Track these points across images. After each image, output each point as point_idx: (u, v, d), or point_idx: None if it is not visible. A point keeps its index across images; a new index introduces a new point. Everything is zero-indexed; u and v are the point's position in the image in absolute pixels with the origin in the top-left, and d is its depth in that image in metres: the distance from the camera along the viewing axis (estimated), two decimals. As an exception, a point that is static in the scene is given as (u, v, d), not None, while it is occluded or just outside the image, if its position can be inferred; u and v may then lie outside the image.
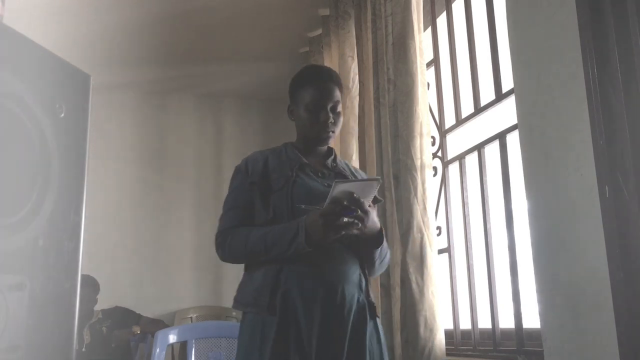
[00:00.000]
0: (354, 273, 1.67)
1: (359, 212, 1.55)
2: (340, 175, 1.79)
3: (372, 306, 1.69)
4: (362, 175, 1.90)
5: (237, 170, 1.81)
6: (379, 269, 1.80)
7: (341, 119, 1.81)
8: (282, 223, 1.65)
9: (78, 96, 1.36)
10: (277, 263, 1.65)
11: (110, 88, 5.02)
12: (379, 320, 1.72)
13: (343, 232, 1.56)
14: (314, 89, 1.77)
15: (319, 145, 1.81)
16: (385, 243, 1.74)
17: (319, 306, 1.60)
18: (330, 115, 1.75)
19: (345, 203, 1.53)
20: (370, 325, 1.66)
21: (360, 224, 1.56)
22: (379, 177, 1.68)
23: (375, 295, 1.86)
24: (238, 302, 1.72)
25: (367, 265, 1.74)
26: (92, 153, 1.40)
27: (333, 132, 1.78)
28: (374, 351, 1.65)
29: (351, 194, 1.54)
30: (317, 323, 1.59)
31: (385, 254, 1.77)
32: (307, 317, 1.59)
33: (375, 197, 1.73)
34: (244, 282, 1.74)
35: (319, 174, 1.76)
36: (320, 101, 1.75)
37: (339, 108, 1.78)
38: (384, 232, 1.72)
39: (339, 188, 1.53)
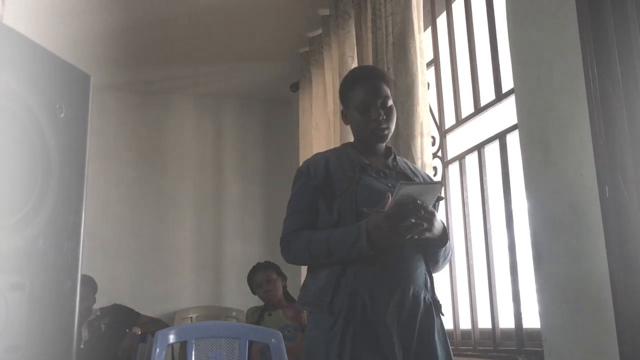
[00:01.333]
0: (420, 273, 1.68)
1: (423, 213, 1.54)
2: (402, 174, 1.78)
3: (437, 304, 1.70)
4: (422, 173, 1.89)
5: (299, 173, 1.81)
6: (442, 266, 1.80)
7: (394, 113, 1.79)
8: (346, 225, 1.66)
9: (78, 96, 1.36)
10: (340, 264, 1.66)
11: (110, 88, 5.02)
12: (442, 318, 1.73)
13: (409, 236, 1.55)
14: (360, 88, 1.77)
15: (376, 144, 1.80)
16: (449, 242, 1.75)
17: (389, 306, 1.60)
18: (381, 111, 1.74)
19: (410, 206, 1.52)
20: (437, 323, 1.67)
21: (425, 226, 1.55)
22: (441, 181, 1.66)
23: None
24: (301, 301, 1.75)
25: (431, 263, 1.74)
26: (92, 153, 1.40)
27: (387, 127, 1.76)
28: (442, 350, 1.65)
29: (414, 196, 1.53)
30: (389, 323, 1.60)
31: (449, 252, 1.76)
32: (379, 316, 1.60)
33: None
34: (308, 281, 1.75)
35: (381, 174, 1.75)
36: (369, 99, 1.75)
37: (389, 103, 1.77)
38: (448, 231, 1.71)
39: (404, 190, 1.51)
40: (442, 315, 1.73)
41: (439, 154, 2.99)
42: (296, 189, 1.80)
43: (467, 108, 2.83)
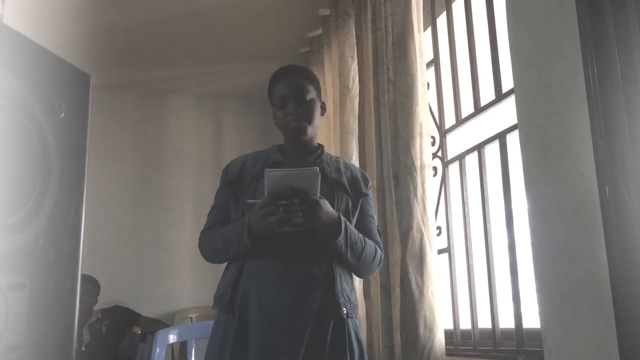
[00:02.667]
0: (317, 270, 1.61)
1: (301, 201, 1.49)
2: (321, 171, 1.69)
3: (335, 306, 1.60)
4: (353, 171, 1.83)
5: (222, 173, 1.84)
6: (362, 267, 1.69)
7: (314, 107, 1.75)
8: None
9: (78, 96, 1.37)
10: (241, 260, 1.65)
11: (110, 88, 5.01)
12: (351, 321, 1.64)
13: (286, 225, 1.50)
14: (276, 86, 1.78)
15: (297, 140, 1.76)
16: (358, 237, 1.65)
17: (276, 305, 1.57)
18: (291, 105, 1.72)
19: (281, 194, 1.48)
20: (332, 326, 1.59)
21: (301, 215, 1.50)
22: (317, 167, 1.55)
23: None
24: (214, 298, 1.73)
25: (341, 262, 1.65)
26: (92, 153, 1.40)
27: (305, 121, 1.72)
28: (337, 354, 1.58)
29: (290, 184, 1.49)
30: (273, 324, 1.55)
31: (360, 250, 1.65)
32: (264, 317, 1.56)
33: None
34: (221, 278, 1.75)
35: None
36: (284, 94, 1.74)
37: (307, 97, 1.73)
38: (344, 223, 1.61)
39: (270, 178, 1.48)
40: (351, 317, 1.64)
41: (439, 154, 3.00)
42: (217, 188, 1.83)
43: (467, 108, 2.83)
